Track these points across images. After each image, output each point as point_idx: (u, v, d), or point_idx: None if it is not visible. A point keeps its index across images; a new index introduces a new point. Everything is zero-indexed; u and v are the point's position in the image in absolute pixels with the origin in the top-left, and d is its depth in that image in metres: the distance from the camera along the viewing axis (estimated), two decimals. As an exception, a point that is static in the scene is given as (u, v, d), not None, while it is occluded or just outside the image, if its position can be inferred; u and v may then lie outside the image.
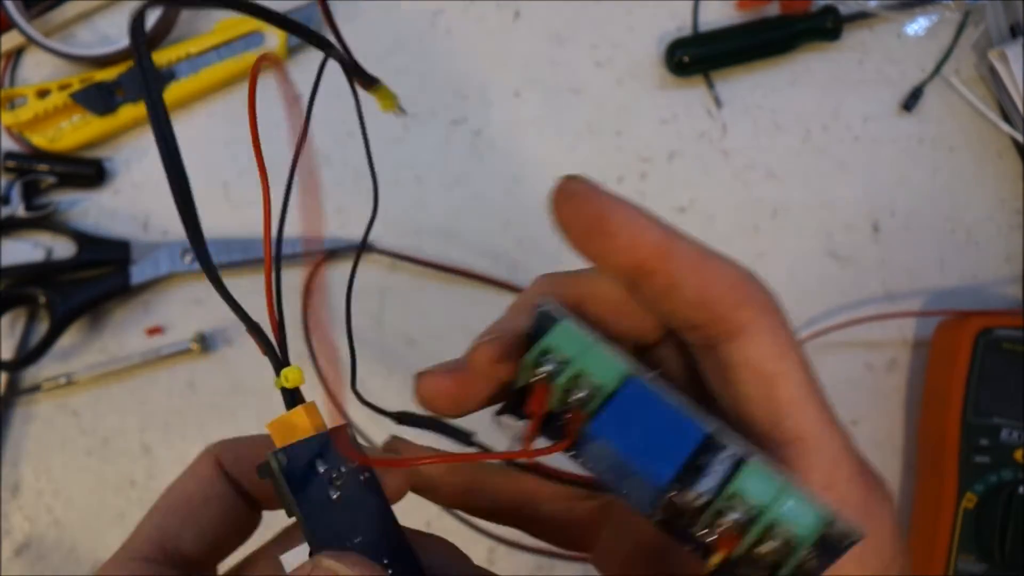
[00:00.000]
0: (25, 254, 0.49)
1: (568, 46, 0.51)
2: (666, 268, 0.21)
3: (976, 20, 0.51)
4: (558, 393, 0.20)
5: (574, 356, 0.20)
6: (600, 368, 0.20)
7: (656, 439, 0.19)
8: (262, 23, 0.50)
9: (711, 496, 0.19)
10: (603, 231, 0.20)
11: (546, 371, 0.20)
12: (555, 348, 0.20)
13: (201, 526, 0.24)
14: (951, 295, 0.50)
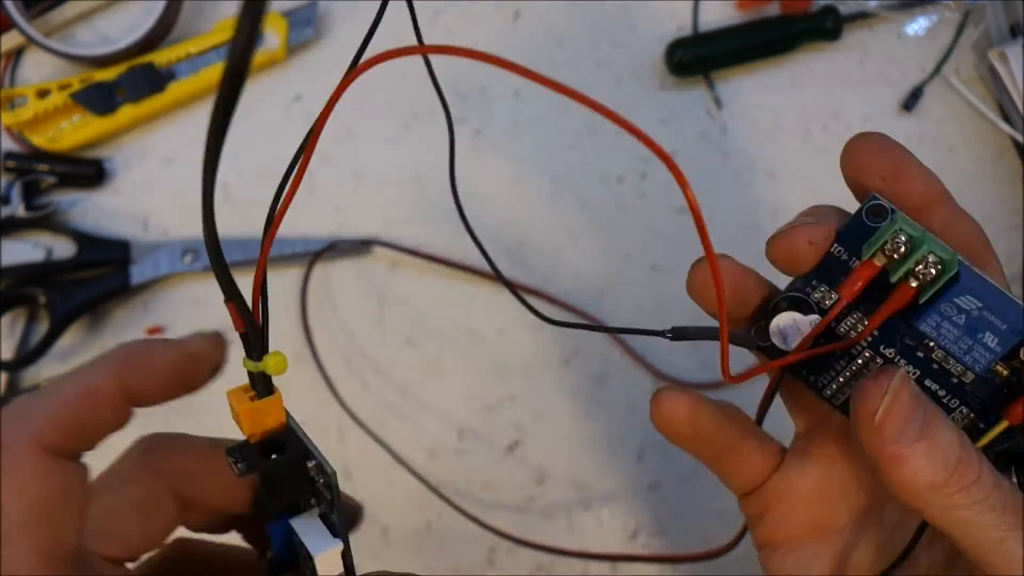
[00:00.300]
0: (25, 254, 0.49)
1: (568, 46, 0.51)
2: (939, 211, 0.25)
3: (976, 20, 0.51)
4: (908, 265, 0.23)
5: (920, 240, 0.23)
6: (940, 250, 0.23)
7: (1000, 301, 0.23)
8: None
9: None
10: (901, 176, 0.24)
11: (901, 246, 0.23)
12: (906, 231, 0.23)
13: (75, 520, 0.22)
14: (951, 295, 0.50)
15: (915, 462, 0.22)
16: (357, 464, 0.49)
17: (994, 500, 0.22)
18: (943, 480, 0.22)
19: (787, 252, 0.26)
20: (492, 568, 0.49)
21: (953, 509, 0.22)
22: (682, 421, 0.27)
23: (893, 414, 0.22)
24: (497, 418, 0.49)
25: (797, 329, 0.25)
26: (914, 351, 0.25)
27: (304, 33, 0.50)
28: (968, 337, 0.23)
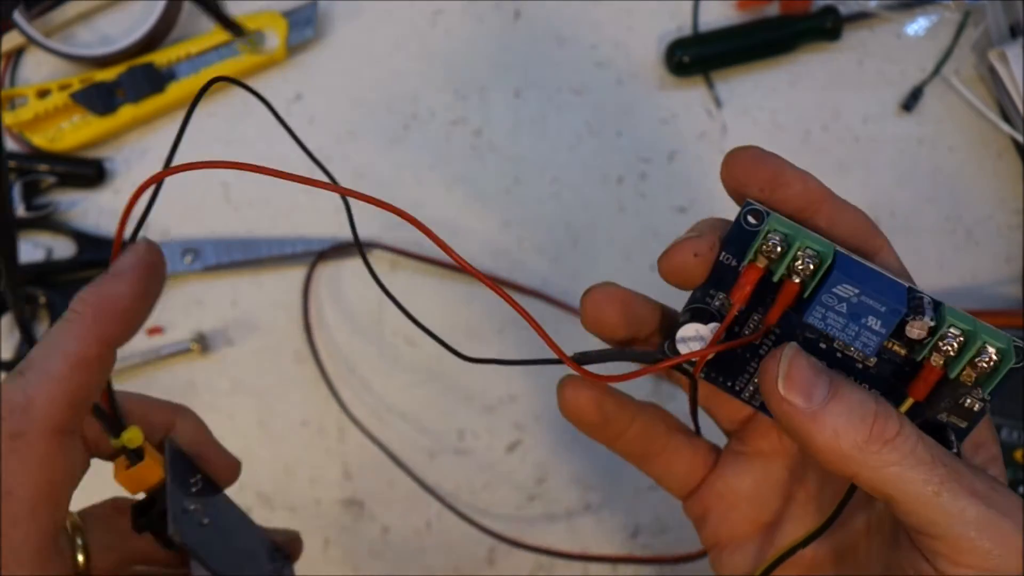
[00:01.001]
0: (25, 254, 0.49)
1: (568, 46, 0.51)
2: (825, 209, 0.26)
3: (976, 20, 0.51)
4: (785, 263, 0.24)
5: (798, 238, 0.24)
6: (816, 241, 0.24)
7: (879, 284, 0.23)
8: (262, 23, 0.50)
9: (934, 323, 0.23)
10: (779, 183, 0.26)
11: (775, 244, 0.24)
12: (779, 231, 0.24)
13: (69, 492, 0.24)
14: (951, 295, 0.50)
15: (832, 421, 0.22)
16: (357, 464, 0.49)
17: (921, 453, 0.22)
18: (865, 437, 0.22)
19: (676, 268, 0.26)
20: (492, 568, 0.49)
21: (884, 467, 0.22)
22: (586, 408, 0.28)
23: (794, 377, 0.23)
24: (497, 418, 0.49)
25: (700, 338, 0.26)
26: (816, 343, 0.25)
27: (304, 33, 0.50)
28: (853, 323, 0.23)
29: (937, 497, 0.22)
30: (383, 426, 0.49)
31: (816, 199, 0.26)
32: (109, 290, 0.24)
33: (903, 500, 0.22)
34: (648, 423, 0.30)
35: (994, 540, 0.22)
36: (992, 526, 0.22)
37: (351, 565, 0.49)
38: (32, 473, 0.22)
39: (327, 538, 0.49)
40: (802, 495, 0.30)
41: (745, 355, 0.27)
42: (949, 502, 0.22)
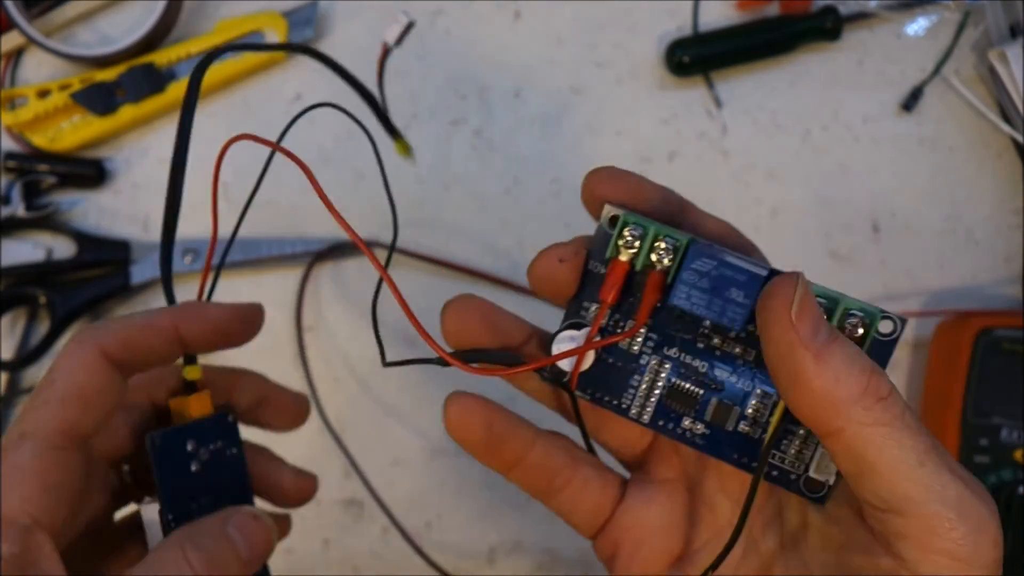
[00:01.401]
0: (25, 254, 0.49)
1: (568, 46, 0.51)
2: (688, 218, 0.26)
3: (976, 20, 0.51)
4: (645, 251, 0.24)
5: (652, 226, 0.24)
6: (672, 232, 0.24)
7: (742, 259, 0.24)
8: (262, 23, 0.50)
9: None
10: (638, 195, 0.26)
11: (634, 235, 0.24)
12: (635, 222, 0.25)
13: (97, 413, 0.26)
14: (951, 295, 0.50)
15: (835, 364, 0.21)
16: (357, 464, 0.49)
17: (909, 419, 0.21)
18: (862, 389, 0.21)
19: (544, 275, 0.26)
20: (492, 568, 0.49)
21: (873, 425, 0.21)
22: (473, 425, 0.26)
23: (807, 308, 0.22)
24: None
25: (575, 343, 0.26)
26: (694, 343, 0.25)
27: (304, 33, 0.50)
28: (717, 298, 0.23)
29: (921, 467, 0.21)
30: (384, 426, 0.49)
31: (677, 210, 0.26)
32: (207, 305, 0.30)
33: (882, 466, 0.21)
34: (549, 451, 0.28)
35: (970, 524, 0.20)
36: (972, 509, 0.20)
37: (351, 565, 0.49)
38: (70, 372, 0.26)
39: (327, 538, 0.49)
40: (710, 520, 0.28)
41: (627, 367, 0.26)
42: (931, 475, 0.21)
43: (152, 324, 0.27)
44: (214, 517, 0.27)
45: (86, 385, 0.26)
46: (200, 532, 0.26)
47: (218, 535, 0.27)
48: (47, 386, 0.26)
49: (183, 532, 0.26)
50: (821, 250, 0.50)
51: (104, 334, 0.26)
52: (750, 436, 0.26)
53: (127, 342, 0.27)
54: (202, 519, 0.27)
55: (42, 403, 0.25)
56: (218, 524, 0.27)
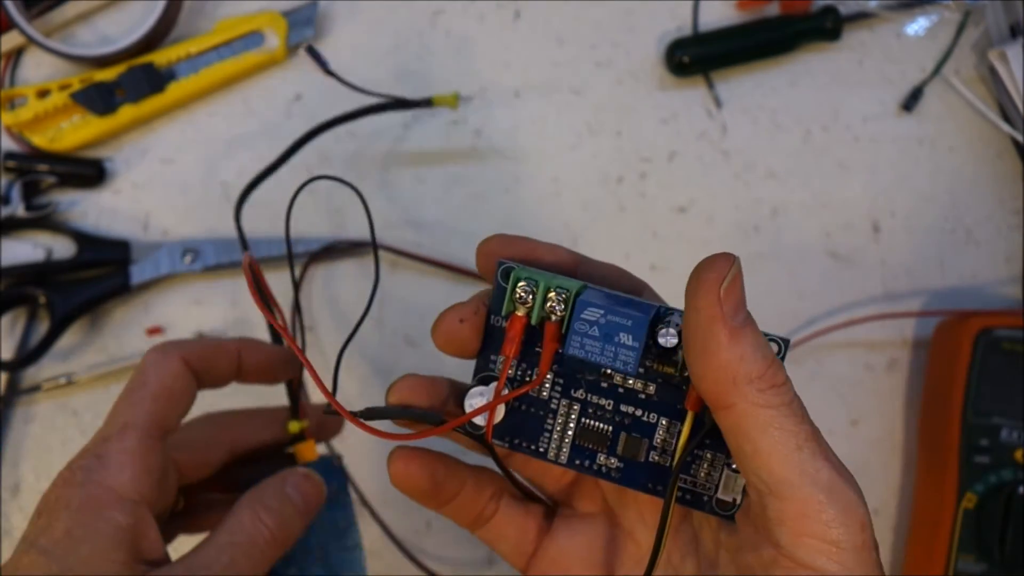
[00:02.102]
0: (25, 254, 0.49)
1: (568, 46, 0.51)
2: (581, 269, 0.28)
3: (976, 20, 0.51)
4: (539, 305, 0.25)
5: (542, 280, 0.25)
6: (562, 282, 0.25)
7: (625, 303, 0.25)
8: (262, 23, 0.50)
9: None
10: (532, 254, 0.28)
11: (527, 291, 0.25)
12: (526, 278, 0.26)
13: (180, 413, 0.32)
14: (951, 295, 0.50)
15: (744, 344, 0.23)
16: (358, 465, 0.49)
17: (796, 407, 0.23)
18: (760, 372, 0.22)
19: (447, 336, 0.28)
20: (492, 568, 0.49)
21: (764, 407, 0.22)
22: (418, 477, 0.29)
23: (735, 288, 0.23)
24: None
25: (484, 397, 0.27)
26: (598, 384, 0.27)
27: (304, 33, 0.50)
28: (609, 344, 0.24)
29: (798, 452, 0.22)
30: (383, 426, 0.49)
31: (569, 263, 0.28)
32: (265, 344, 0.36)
33: (764, 446, 0.22)
34: (477, 486, 0.30)
35: (839, 508, 0.22)
36: (841, 494, 0.22)
37: (351, 565, 0.49)
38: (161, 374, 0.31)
39: (327, 538, 0.49)
40: (632, 550, 0.30)
41: (540, 413, 0.27)
42: (807, 459, 0.22)
43: (222, 346, 0.33)
44: (274, 480, 0.32)
45: (173, 386, 0.31)
46: (266, 495, 0.31)
47: (281, 496, 0.31)
48: (140, 386, 0.31)
49: (252, 496, 0.31)
50: (821, 250, 0.50)
51: (185, 346, 0.32)
52: (661, 465, 0.27)
53: (202, 356, 0.32)
54: (264, 483, 0.32)
55: (139, 399, 0.30)
56: (279, 486, 0.32)
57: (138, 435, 0.30)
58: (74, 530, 0.27)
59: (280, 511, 0.31)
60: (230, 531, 0.30)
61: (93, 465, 0.29)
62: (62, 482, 0.29)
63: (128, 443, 0.29)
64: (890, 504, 0.50)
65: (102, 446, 0.29)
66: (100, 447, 0.29)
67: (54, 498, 0.29)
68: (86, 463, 0.29)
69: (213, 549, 0.29)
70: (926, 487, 0.47)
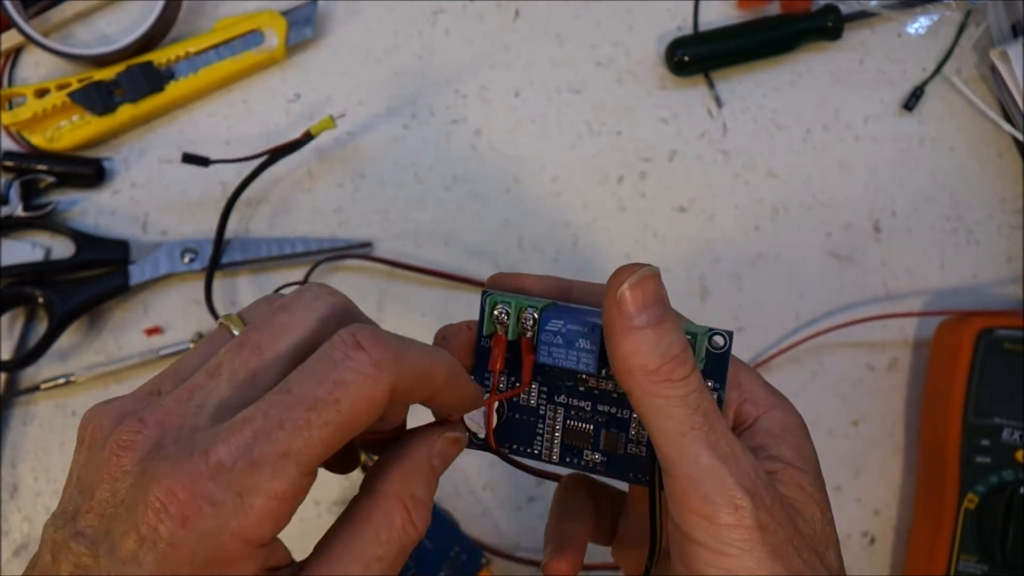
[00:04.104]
0: (24, 254, 0.49)
1: (568, 46, 0.51)
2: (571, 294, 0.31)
3: (977, 19, 0.51)
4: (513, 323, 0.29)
5: (514, 301, 0.29)
6: (532, 303, 0.29)
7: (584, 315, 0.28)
8: (261, 22, 0.50)
9: None
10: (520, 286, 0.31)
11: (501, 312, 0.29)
12: (501, 301, 0.29)
13: (348, 440, 0.24)
14: (952, 295, 0.50)
15: (639, 340, 0.25)
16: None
17: (693, 400, 0.25)
18: (655, 367, 0.25)
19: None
20: (491, 569, 0.49)
21: (653, 396, 0.25)
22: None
23: (636, 293, 0.25)
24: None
25: (481, 412, 0.30)
26: (576, 388, 0.30)
27: (303, 32, 0.50)
28: (572, 350, 0.27)
29: (681, 437, 0.25)
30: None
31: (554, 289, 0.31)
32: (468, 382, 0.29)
33: (656, 430, 0.25)
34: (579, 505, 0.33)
35: (713, 486, 0.24)
36: (716, 475, 0.24)
37: None
38: (360, 395, 0.23)
39: (326, 539, 0.49)
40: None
41: (531, 420, 0.30)
42: (689, 445, 0.25)
43: (435, 374, 0.25)
44: (421, 451, 0.27)
45: (365, 420, 0.23)
46: (415, 479, 0.26)
47: (430, 477, 0.26)
48: (330, 404, 0.22)
49: (400, 481, 0.25)
50: (822, 250, 0.50)
51: (403, 370, 0.23)
52: (639, 455, 0.29)
53: (414, 385, 0.24)
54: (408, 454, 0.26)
55: (320, 423, 0.22)
56: (427, 463, 0.27)
57: (298, 473, 0.22)
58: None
59: (428, 501, 0.26)
60: (378, 539, 0.24)
61: (231, 507, 0.21)
62: (180, 517, 0.21)
63: (282, 484, 0.21)
64: (891, 504, 0.50)
65: (248, 476, 0.21)
66: (245, 477, 0.21)
67: (160, 536, 0.21)
68: (220, 497, 0.21)
69: (356, 566, 0.23)
70: (927, 487, 0.47)
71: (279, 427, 0.22)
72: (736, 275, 0.49)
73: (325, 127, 0.47)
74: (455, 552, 0.46)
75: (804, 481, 0.27)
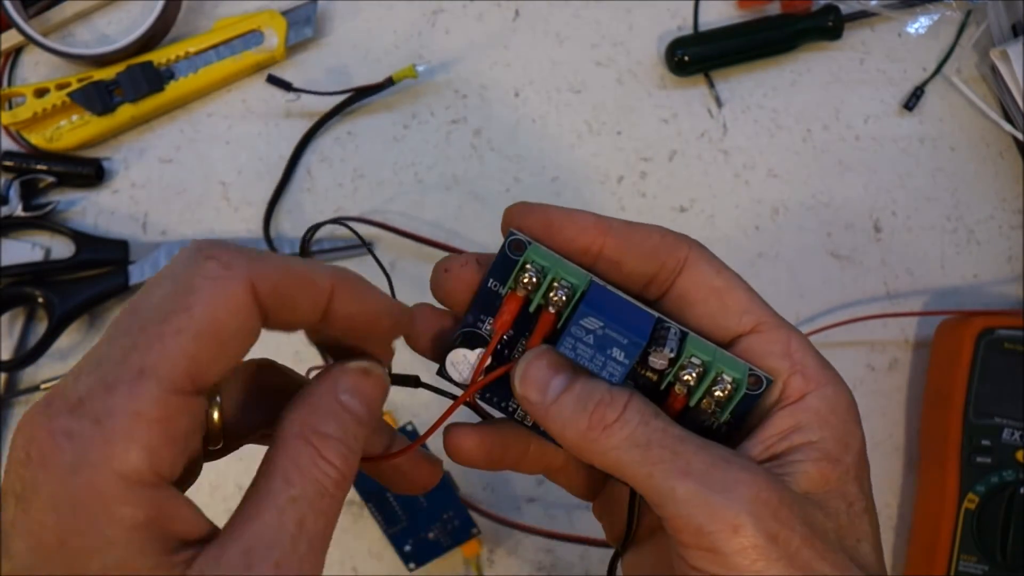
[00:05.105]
0: (24, 254, 0.49)
1: (568, 45, 0.51)
2: (609, 240, 0.26)
3: (978, 19, 0.51)
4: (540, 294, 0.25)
5: (549, 268, 0.25)
6: (572, 273, 0.25)
7: (626, 316, 0.25)
8: (261, 22, 0.50)
9: (676, 354, 0.25)
10: (551, 228, 0.26)
11: (531, 276, 0.25)
12: (533, 264, 0.25)
13: (228, 360, 0.22)
14: (952, 295, 0.50)
15: (558, 413, 0.24)
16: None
17: (639, 437, 0.23)
18: (585, 425, 0.24)
19: (435, 285, 0.27)
20: (492, 568, 0.49)
21: (606, 452, 0.23)
22: (474, 454, 0.28)
23: (529, 374, 0.25)
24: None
25: (468, 362, 0.28)
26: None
27: (303, 32, 0.50)
28: (600, 354, 0.25)
29: (650, 479, 0.23)
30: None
31: (593, 234, 0.26)
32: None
33: (631, 482, 0.23)
34: (541, 444, 0.29)
35: (705, 516, 0.22)
36: (703, 503, 0.22)
37: (351, 565, 0.49)
38: (212, 306, 0.21)
39: (326, 539, 0.49)
40: None
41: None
42: (661, 482, 0.23)
43: (310, 276, 0.23)
44: (322, 388, 0.24)
45: (228, 324, 0.21)
46: (319, 417, 0.23)
47: (338, 413, 0.23)
48: (180, 311, 0.20)
49: (301, 422, 0.23)
50: (822, 249, 0.50)
51: (261, 268, 0.21)
52: None
53: (280, 284, 0.22)
54: (309, 395, 0.24)
55: (172, 332, 0.20)
56: (331, 396, 0.24)
57: (160, 390, 0.20)
58: (71, 540, 0.19)
59: (343, 436, 0.23)
60: (287, 481, 0.22)
61: (88, 434, 0.19)
62: (39, 458, 0.19)
63: (142, 402, 0.20)
64: (891, 504, 0.50)
65: (103, 400, 0.20)
66: (99, 402, 0.20)
67: (27, 483, 0.19)
68: (76, 427, 0.19)
69: (273, 513, 0.21)
70: (927, 487, 0.47)
71: (132, 349, 0.20)
72: (736, 275, 0.49)
73: (407, 75, 0.48)
74: (448, 516, 0.46)
75: (832, 474, 0.24)
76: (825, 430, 0.25)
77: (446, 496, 0.46)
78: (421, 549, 0.46)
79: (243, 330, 0.21)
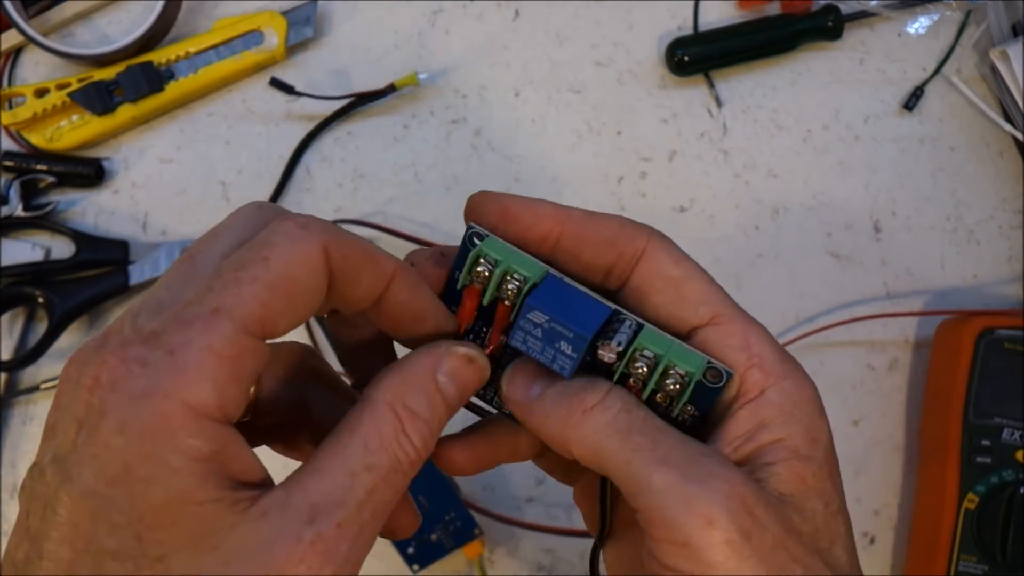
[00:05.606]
0: (24, 254, 0.49)
1: (568, 45, 0.51)
2: (567, 230, 0.26)
3: (978, 19, 0.51)
4: (492, 287, 0.25)
5: (501, 261, 0.25)
6: (525, 266, 0.25)
7: (578, 309, 0.24)
8: (261, 22, 0.50)
9: (624, 347, 0.24)
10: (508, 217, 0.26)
11: (483, 269, 0.25)
12: (486, 257, 0.25)
13: (295, 316, 0.22)
14: (952, 295, 0.50)
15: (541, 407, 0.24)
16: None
17: (620, 423, 0.23)
18: (567, 410, 0.24)
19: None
20: (492, 568, 0.49)
21: (586, 436, 0.23)
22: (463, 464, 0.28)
23: (515, 378, 0.25)
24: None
25: None
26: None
27: (303, 32, 0.50)
28: (549, 347, 0.24)
29: (628, 466, 0.23)
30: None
31: (550, 223, 0.26)
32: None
33: (609, 471, 0.23)
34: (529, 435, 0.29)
35: (676, 506, 0.22)
36: (676, 492, 0.22)
37: (350, 566, 0.49)
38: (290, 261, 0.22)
39: (326, 539, 0.49)
40: None
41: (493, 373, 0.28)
42: (638, 470, 0.22)
43: (379, 259, 0.24)
44: (422, 363, 0.24)
45: (301, 281, 0.22)
46: (412, 392, 0.23)
47: (432, 394, 0.24)
48: (258, 262, 0.21)
49: (394, 390, 0.23)
50: (822, 250, 0.50)
51: (335, 236, 0.22)
52: None
53: (350, 256, 0.23)
54: (408, 366, 0.24)
55: (249, 279, 0.21)
56: (428, 376, 0.24)
57: (234, 329, 0.20)
58: (136, 467, 0.19)
59: (429, 418, 0.23)
60: (366, 447, 0.22)
61: (161, 364, 0.20)
62: (110, 383, 0.19)
63: (216, 338, 0.20)
64: (891, 504, 0.50)
65: (179, 334, 0.20)
66: (175, 335, 0.20)
67: (93, 408, 0.19)
68: (150, 356, 0.20)
69: (345, 475, 0.21)
70: (927, 487, 0.47)
71: (208, 290, 0.21)
72: (736, 275, 0.49)
73: (408, 83, 0.49)
74: (450, 517, 0.46)
75: (806, 472, 0.23)
76: (790, 425, 0.24)
77: (448, 497, 0.46)
78: (424, 551, 0.46)
79: (312, 289, 0.22)
